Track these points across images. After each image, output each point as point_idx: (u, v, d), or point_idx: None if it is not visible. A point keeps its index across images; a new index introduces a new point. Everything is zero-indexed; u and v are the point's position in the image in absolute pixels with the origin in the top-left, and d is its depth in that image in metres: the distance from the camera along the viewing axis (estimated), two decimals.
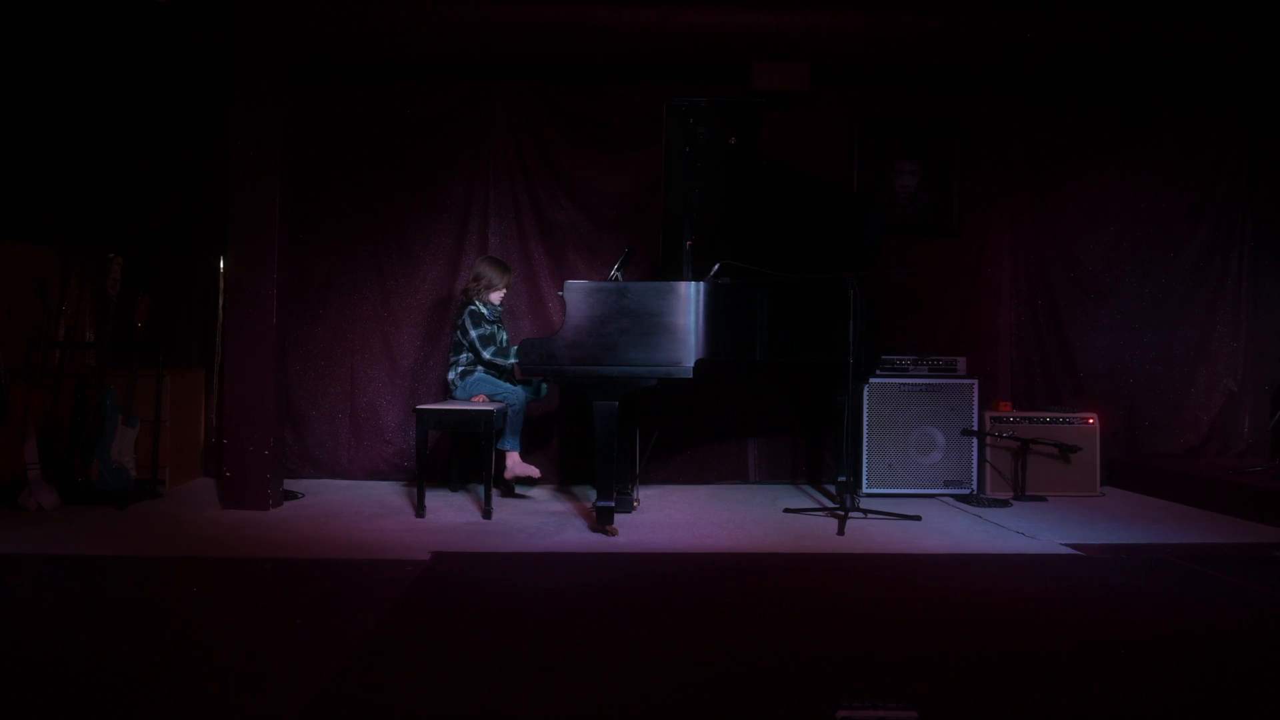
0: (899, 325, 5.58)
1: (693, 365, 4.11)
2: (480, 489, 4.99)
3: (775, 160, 4.74)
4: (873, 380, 5.17)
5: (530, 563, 3.72)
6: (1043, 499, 5.22)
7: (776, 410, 5.74)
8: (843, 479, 4.74)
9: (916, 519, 4.59)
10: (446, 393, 5.14)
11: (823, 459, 5.74)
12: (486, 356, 4.90)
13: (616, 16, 4.95)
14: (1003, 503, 5.08)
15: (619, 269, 4.58)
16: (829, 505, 5.00)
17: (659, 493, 5.34)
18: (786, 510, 4.81)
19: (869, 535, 4.25)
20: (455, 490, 5.31)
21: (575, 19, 4.94)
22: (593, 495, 4.31)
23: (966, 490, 5.24)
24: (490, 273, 4.99)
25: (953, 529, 4.44)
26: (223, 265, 5.37)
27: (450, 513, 4.68)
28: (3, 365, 4.61)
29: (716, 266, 4.29)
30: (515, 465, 4.96)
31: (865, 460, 5.23)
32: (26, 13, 4.86)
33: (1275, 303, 5.93)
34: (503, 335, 5.10)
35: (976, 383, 5.30)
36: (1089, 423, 5.40)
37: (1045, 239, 5.89)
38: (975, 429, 5.26)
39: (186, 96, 5.59)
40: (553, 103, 5.68)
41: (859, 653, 2.64)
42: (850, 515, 4.47)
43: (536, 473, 5.05)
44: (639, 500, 4.97)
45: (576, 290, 4.13)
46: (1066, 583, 3.48)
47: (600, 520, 4.19)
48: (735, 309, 4.28)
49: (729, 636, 2.77)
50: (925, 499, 5.17)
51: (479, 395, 4.84)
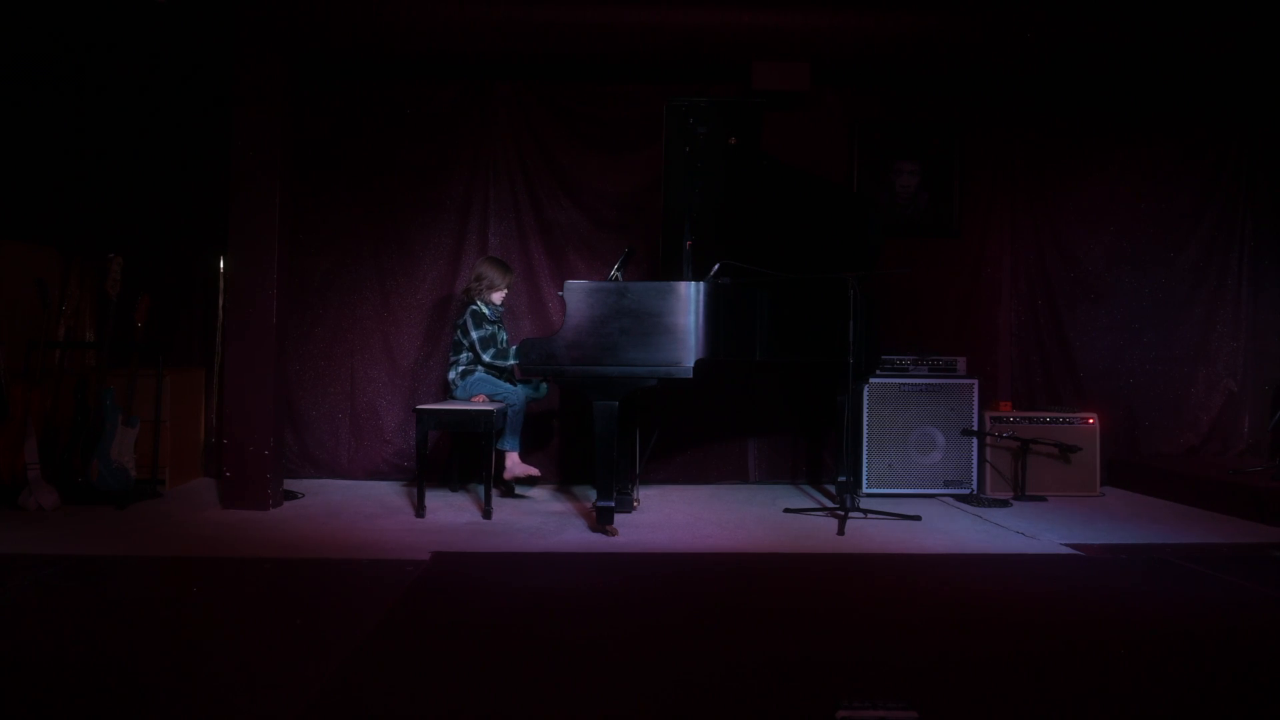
0: (899, 325, 5.59)
1: (693, 365, 4.12)
2: (480, 489, 4.99)
3: (775, 160, 4.74)
4: (873, 380, 5.17)
5: (530, 563, 3.72)
6: (1043, 499, 5.22)
7: (776, 410, 5.74)
8: (843, 479, 4.74)
9: (916, 519, 4.59)
10: (446, 392, 5.14)
11: (823, 459, 5.74)
12: (487, 359, 4.91)
13: (616, 16, 4.95)
14: (1003, 503, 5.08)
15: (619, 269, 4.58)
16: (829, 505, 5.00)
17: (659, 493, 5.34)
18: (786, 510, 4.81)
19: (869, 535, 4.25)
20: (455, 490, 5.31)
21: (575, 19, 4.94)
22: (593, 495, 4.31)
23: (966, 490, 5.24)
24: (492, 273, 5.00)
25: (953, 529, 4.44)
26: (223, 265, 5.37)
27: (450, 513, 4.69)
28: (3, 365, 4.61)
29: (716, 266, 4.29)
30: (514, 466, 4.97)
31: (865, 460, 5.23)
32: (27, 13, 4.86)
33: (1275, 303, 5.93)
34: (503, 335, 5.10)
35: (976, 383, 5.30)
36: (1089, 423, 5.40)
37: (1045, 239, 5.89)
38: (975, 429, 5.26)
39: (186, 96, 5.59)
40: (553, 103, 5.68)
41: (859, 653, 2.64)
42: (850, 515, 4.47)
43: (536, 472, 5.07)
44: (639, 500, 4.97)
45: (576, 290, 4.13)
46: (1066, 583, 3.48)
47: (600, 520, 4.19)
48: (735, 309, 4.28)
49: (729, 636, 2.77)
50: (925, 499, 5.17)
51: (479, 395, 4.84)
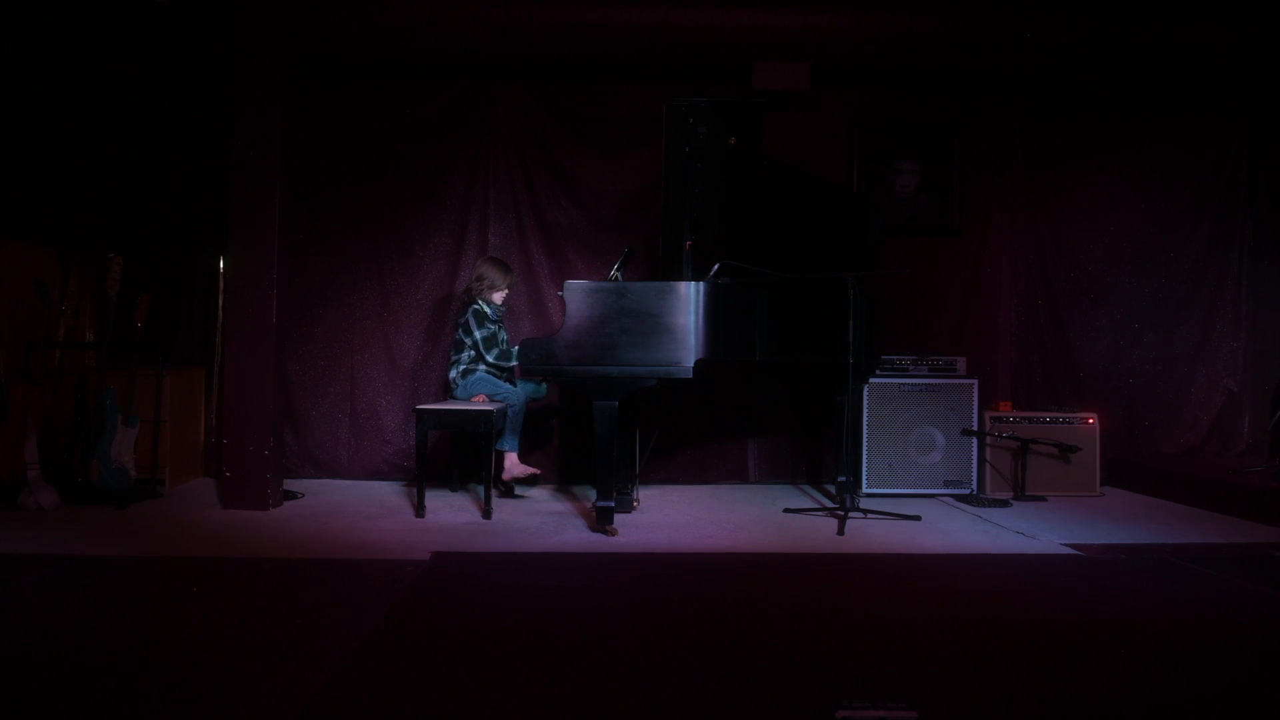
0: (899, 325, 5.59)
1: (692, 365, 4.12)
2: (480, 489, 4.99)
3: (775, 160, 4.74)
4: (873, 380, 5.17)
5: (530, 563, 3.72)
6: (1043, 499, 5.22)
7: (776, 410, 5.74)
8: (842, 479, 4.74)
9: (916, 519, 4.59)
10: (447, 392, 5.14)
11: (823, 459, 5.74)
12: (490, 360, 4.92)
13: (617, 16, 4.95)
14: (1003, 503, 5.08)
15: (619, 269, 4.58)
16: (829, 505, 5.00)
17: (659, 493, 5.34)
18: (786, 510, 4.81)
19: (869, 535, 4.25)
20: (455, 490, 5.31)
21: (575, 19, 4.94)
22: (593, 495, 4.31)
23: (966, 490, 5.24)
24: (493, 273, 5.00)
25: (952, 529, 4.44)
26: (223, 265, 5.37)
27: (450, 513, 4.68)
28: (3, 365, 4.61)
29: (716, 266, 4.29)
30: (513, 466, 4.97)
31: (865, 460, 5.23)
32: (27, 13, 4.86)
33: (1275, 303, 5.93)
34: (502, 335, 5.10)
35: (976, 383, 5.30)
36: (1089, 423, 5.40)
37: (1045, 239, 5.89)
38: (975, 429, 5.26)
39: (187, 96, 5.59)
40: (553, 103, 5.68)
41: (859, 653, 2.64)
42: (850, 515, 4.47)
43: (536, 471, 5.08)
44: (639, 500, 4.97)
45: (576, 290, 4.13)
46: (1066, 583, 3.48)
47: (600, 520, 4.19)
48: (735, 309, 4.28)
49: (729, 636, 2.77)
50: (925, 499, 5.17)
51: (479, 395, 4.84)
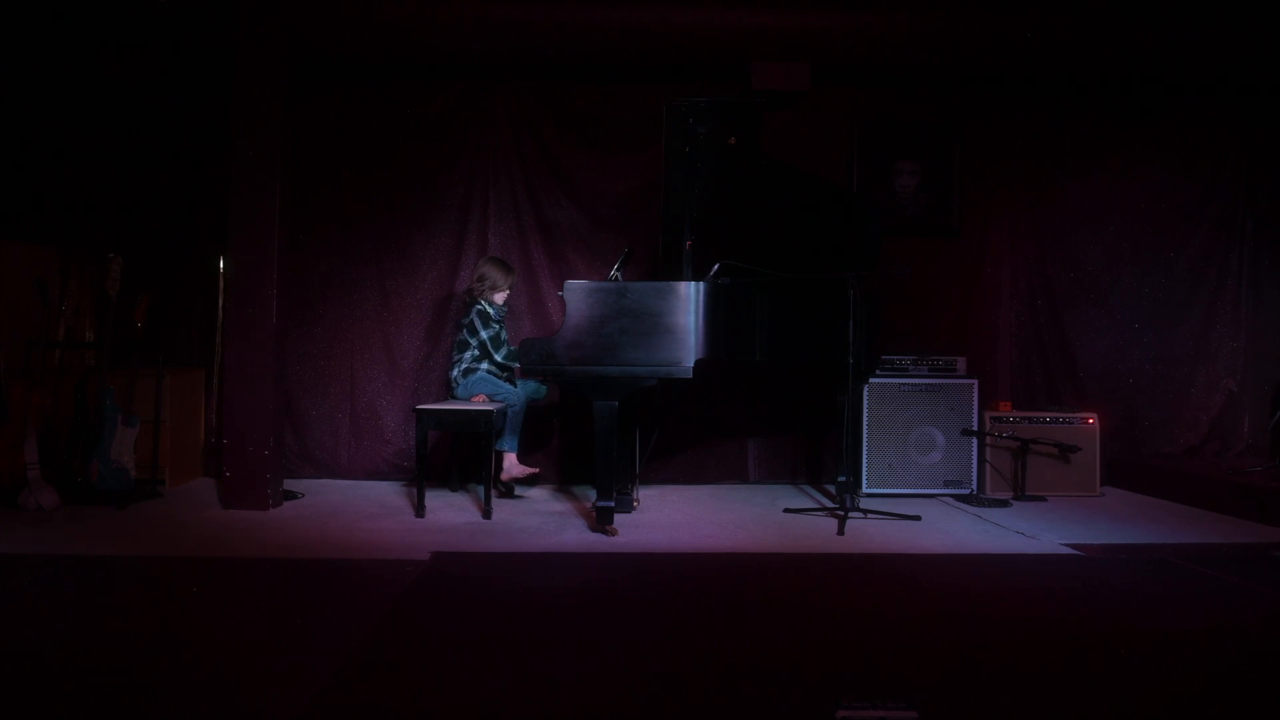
0: (899, 325, 5.58)
1: (693, 365, 4.12)
2: (480, 489, 4.99)
3: (775, 160, 4.74)
4: (873, 380, 5.17)
5: (530, 563, 3.72)
6: (1043, 499, 5.22)
7: (776, 410, 5.74)
8: (842, 479, 4.74)
9: (916, 519, 4.59)
10: (448, 391, 5.14)
11: (823, 459, 5.74)
12: (499, 359, 4.93)
13: (616, 16, 4.95)
14: (1003, 503, 5.08)
15: (619, 269, 4.58)
16: (829, 505, 5.00)
17: (659, 493, 5.34)
18: (786, 510, 4.81)
19: (869, 535, 4.25)
20: (455, 490, 5.31)
21: (575, 19, 4.94)
22: (593, 495, 4.31)
23: (966, 490, 5.24)
24: (495, 273, 5.01)
25: (952, 529, 4.44)
26: (223, 265, 5.37)
27: (450, 513, 4.68)
28: (3, 365, 4.61)
29: (716, 266, 4.29)
30: (512, 467, 4.97)
31: (865, 460, 5.23)
32: (27, 13, 4.86)
33: (1275, 303, 5.93)
34: (503, 336, 5.10)
35: (976, 383, 5.30)
36: (1089, 423, 5.40)
37: (1045, 239, 5.89)
38: (975, 429, 5.26)
39: (187, 96, 5.59)
40: (553, 103, 5.68)
41: (859, 653, 2.64)
42: (850, 515, 4.47)
43: (536, 471, 5.09)
44: (639, 500, 4.97)
45: (576, 290, 4.13)
46: (1066, 583, 3.48)
47: (600, 520, 4.19)
48: (735, 309, 4.28)
49: (729, 636, 2.77)
50: (925, 499, 5.17)
51: (479, 395, 4.84)
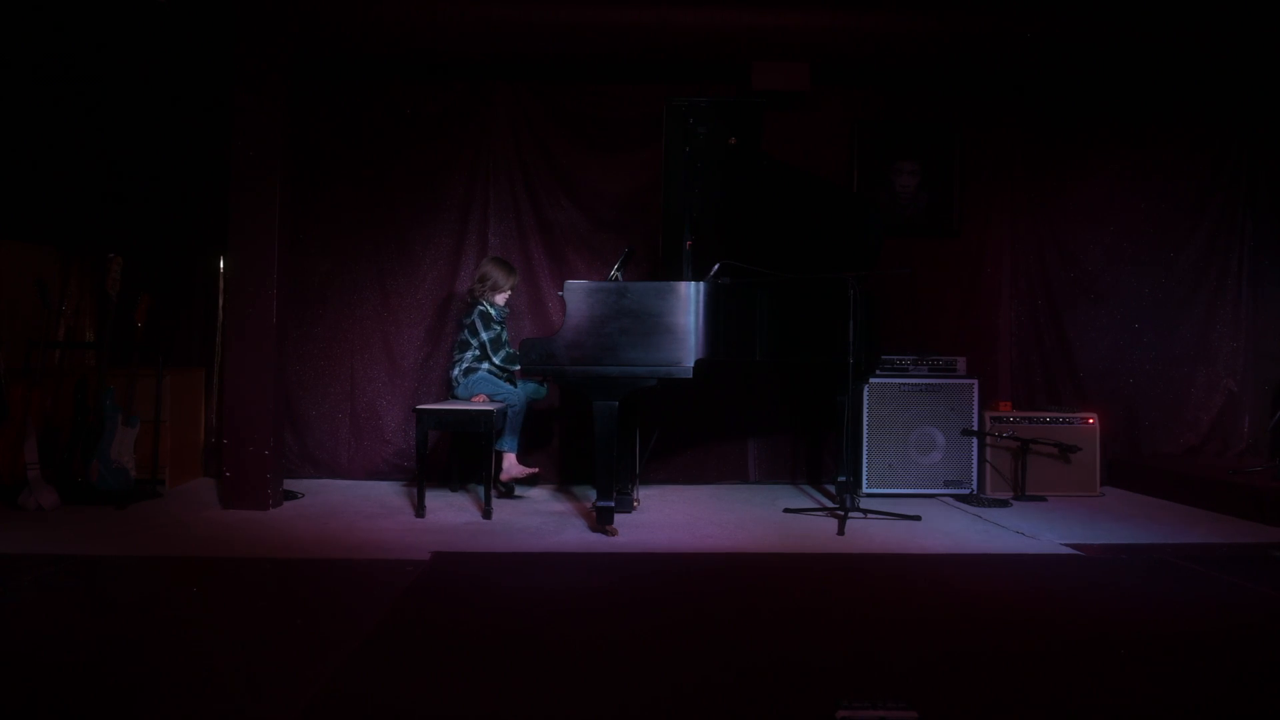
0: (899, 325, 5.58)
1: (693, 365, 4.12)
2: (480, 489, 4.99)
3: (775, 160, 4.74)
4: (873, 380, 5.17)
5: (530, 563, 3.72)
6: (1043, 499, 5.22)
7: (776, 410, 5.74)
8: (842, 479, 4.75)
9: (916, 519, 4.59)
10: (448, 390, 5.14)
11: (823, 459, 5.74)
12: (498, 361, 4.93)
13: (616, 16, 4.95)
14: (1003, 503, 5.08)
15: (619, 269, 4.58)
16: (829, 505, 5.00)
17: (659, 493, 5.34)
18: (786, 510, 4.81)
19: (869, 535, 4.25)
20: (455, 490, 5.30)
21: (575, 19, 4.94)
22: (593, 495, 4.31)
23: (966, 490, 5.24)
24: (496, 274, 5.01)
25: (952, 529, 4.44)
26: (223, 265, 5.37)
27: (450, 513, 4.68)
28: (3, 365, 4.61)
29: (716, 266, 4.29)
30: (512, 467, 4.97)
31: (865, 460, 5.23)
32: (27, 12, 4.86)
33: (1275, 303, 5.93)
34: (504, 336, 5.10)
35: (976, 383, 5.30)
36: (1089, 423, 5.40)
37: (1045, 239, 5.89)
38: (975, 429, 5.26)
39: (186, 96, 5.59)
40: (552, 103, 5.68)
41: (859, 653, 2.64)
42: (850, 515, 4.47)
43: (536, 471, 5.09)
44: (639, 500, 4.97)
45: (576, 290, 4.13)
46: (1066, 583, 3.49)
47: (600, 520, 4.19)
48: (735, 309, 4.28)
49: (729, 636, 2.77)
50: (925, 499, 5.17)
51: (480, 395, 4.84)
